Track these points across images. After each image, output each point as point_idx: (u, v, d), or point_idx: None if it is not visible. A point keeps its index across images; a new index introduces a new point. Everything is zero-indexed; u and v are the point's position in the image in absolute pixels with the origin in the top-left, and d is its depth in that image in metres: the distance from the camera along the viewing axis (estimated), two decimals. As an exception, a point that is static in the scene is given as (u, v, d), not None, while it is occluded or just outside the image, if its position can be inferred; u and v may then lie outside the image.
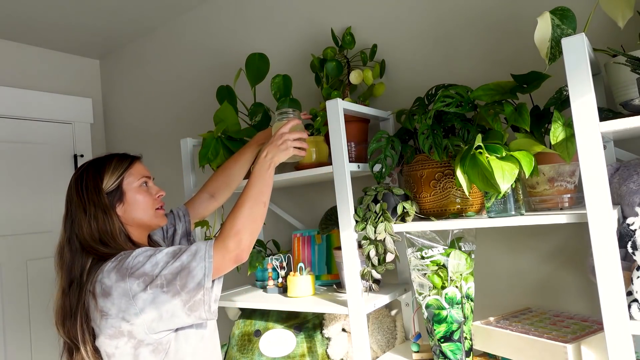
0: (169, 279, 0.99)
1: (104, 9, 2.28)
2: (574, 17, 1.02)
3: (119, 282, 1.01)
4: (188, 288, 0.99)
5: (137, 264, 1.02)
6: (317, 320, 1.52)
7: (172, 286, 0.99)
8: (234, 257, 1.04)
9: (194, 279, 0.99)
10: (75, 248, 1.10)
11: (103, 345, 1.05)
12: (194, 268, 1.00)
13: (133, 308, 1.00)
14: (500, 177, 1.01)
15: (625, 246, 0.98)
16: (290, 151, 1.22)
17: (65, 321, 1.08)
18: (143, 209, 1.18)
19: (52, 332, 2.55)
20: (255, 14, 2.08)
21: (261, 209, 1.11)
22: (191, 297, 0.99)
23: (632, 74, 1.05)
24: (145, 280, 1.00)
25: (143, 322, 1.01)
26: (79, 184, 1.15)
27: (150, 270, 1.01)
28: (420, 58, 1.60)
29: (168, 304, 1.00)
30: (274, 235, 1.95)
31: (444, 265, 1.21)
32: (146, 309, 1.00)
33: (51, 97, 2.64)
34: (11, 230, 2.43)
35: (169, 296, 0.99)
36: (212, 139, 1.57)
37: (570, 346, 0.98)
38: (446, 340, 1.19)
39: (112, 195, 1.15)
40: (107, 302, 1.01)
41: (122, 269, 1.02)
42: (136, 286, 1.00)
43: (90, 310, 1.05)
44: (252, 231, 1.07)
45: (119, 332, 1.02)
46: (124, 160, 1.20)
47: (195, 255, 1.01)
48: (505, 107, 1.12)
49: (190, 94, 2.40)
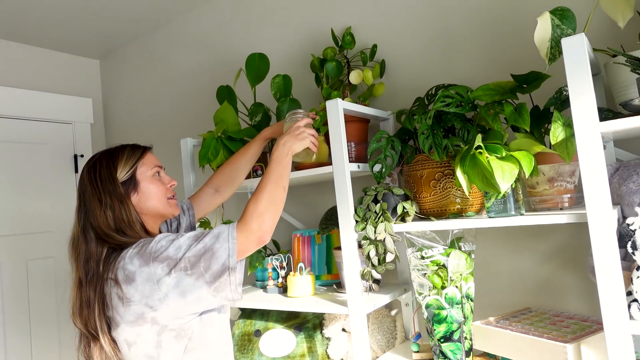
0: (192, 261, 0.99)
1: (104, 9, 2.28)
2: (574, 17, 1.02)
3: (142, 267, 1.01)
4: (212, 270, 0.99)
5: (160, 248, 1.02)
6: (317, 320, 1.52)
7: (196, 268, 0.99)
8: (257, 238, 1.04)
9: (218, 261, 0.99)
10: (90, 238, 1.10)
11: (123, 334, 1.05)
12: (218, 249, 1.00)
13: (157, 293, 1.00)
14: (500, 177, 1.01)
15: (625, 246, 0.98)
16: (307, 141, 1.25)
17: (82, 312, 1.07)
18: (157, 198, 1.18)
19: (52, 332, 2.55)
20: (255, 14, 2.08)
21: (281, 192, 1.13)
22: (215, 278, 0.99)
23: (632, 74, 1.05)
24: (169, 264, 1.00)
25: (167, 307, 1.01)
26: (92, 174, 1.15)
27: (173, 253, 1.01)
28: (421, 58, 1.60)
29: (192, 287, 1.00)
30: (274, 235, 1.95)
31: (444, 265, 1.21)
32: (170, 294, 1.00)
33: (51, 97, 2.64)
34: (11, 230, 2.43)
35: (193, 279, 0.99)
36: (212, 139, 1.57)
37: (570, 346, 0.98)
38: (446, 340, 1.19)
39: (127, 184, 1.15)
40: (130, 288, 1.01)
41: (146, 254, 1.02)
42: (160, 270, 1.00)
43: (111, 298, 1.04)
44: (274, 214, 1.08)
45: (141, 319, 1.02)
46: (137, 150, 1.21)
47: (219, 237, 1.02)
48: (505, 107, 1.12)
49: (190, 94, 2.40)
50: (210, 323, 1.11)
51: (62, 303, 2.57)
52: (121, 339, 1.06)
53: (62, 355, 2.52)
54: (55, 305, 2.55)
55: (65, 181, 2.67)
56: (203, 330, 1.09)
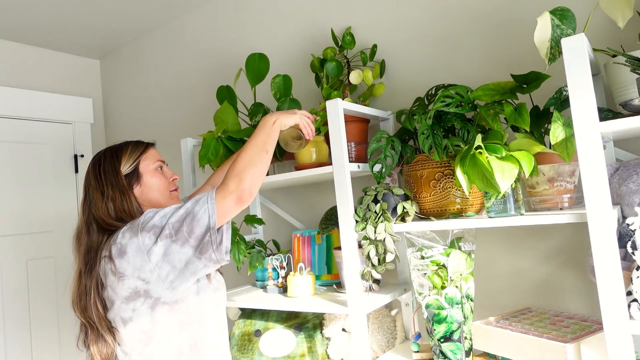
0: (176, 227, 1.02)
1: (104, 9, 2.28)
2: (574, 17, 1.02)
3: (132, 239, 1.04)
4: (195, 233, 1.01)
5: (147, 219, 1.06)
6: (317, 320, 1.52)
7: (180, 234, 1.02)
8: (236, 197, 1.05)
9: (200, 222, 1.02)
10: (93, 229, 1.14)
11: (119, 312, 1.07)
12: (198, 212, 1.03)
13: (147, 264, 1.03)
14: (500, 177, 1.01)
15: (625, 246, 0.98)
16: (297, 117, 1.25)
17: (80, 301, 1.11)
18: (159, 191, 1.22)
19: (52, 332, 2.55)
20: (256, 14, 2.08)
21: (262, 155, 1.12)
22: (199, 240, 1.02)
23: (632, 74, 1.05)
24: (155, 232, 1.03)
25: (159, 277, 1.03)
26: (96, 168, 1.20)
27: (159, 222, 1.04)
28: (420, 58, 1.60)
29: (179, 254, 1.02)
30: (274, 235, 1.95)
31: (444, 265, 1.21)
32: (160, 264, 1.03)
33: (51, 97, 2.64)
34: (11, 230, 2.43)
35: (179, 245, 1.02)
36: (212, 139, 1.57)
37: (570, 346, 0.98)
38: (446, 340, 1.19)
39: (129, 177, 1.19)
40: (122, 262, 1.04)
41: (135, 226, 1.06)
42: (148, 240, 1.03)
43: (106, 276, 1.07)
44: (253, 175, 1.07)
45: (135, 293, 1.04)
46: (140, 145, 1.26)
47: (199, 200, 1.05)
48: (505, 107, 1.12)
49: (190, 94, 2.40)
50: (205, 299, 1.13)
51: (62, 303, 2.57)
52: (117, 318, 1.08)
53: (62, 355, 2.52)
54: (55, 305, 2.55)
55: (65, 181, 2.67)
56: (199, 306, 1.11)
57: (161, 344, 1.08)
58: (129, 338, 1.08)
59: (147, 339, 1.07)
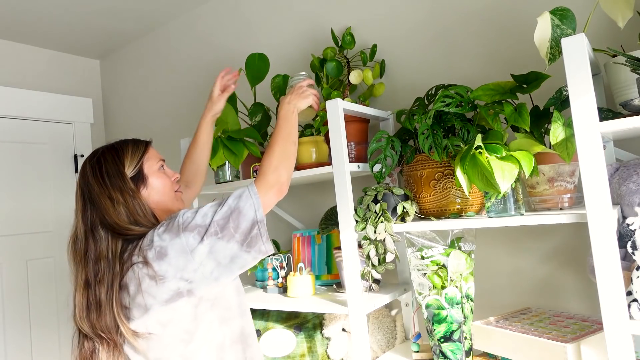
0: (221, 224, 1.01)
1: (104, 9, 2.28)
2: (574, 17, 1.02)
3: (174, 240, 1.01)
4: (242, 228, 1.02)
5: (187, 219, 1.03)
6: (317, 320, 1.52)
7: (226, 230, 1.01)
8: (277, 190, 1.09)
9: (246, 217, 1.02)
10: (100, 237, 1.07)
11: (156, 316, 1.02)
12: (243, 207, 1.03)
13: (191, 264, 1.00)
14: (500, 177, 1.01)
15: (625, 246, 0.98)
16: (310, 99, 1.30)
17: (90, 314, 1.04)
18: (165, 192, 1.18)
19: (52, 332, 2.54)
20: (255, 14, 2.08)
21: (292, 147, 1.18)
22: (246, 235, 1.02)
23: (632, 74, 1.05)
24: (200, 232, 1.01)
25: (203, 276, 1.01)
26: (97, 171, 1.12)
27: (201, 221, 1.02)
28: (421, 58, 1.60)
29: (225, 250, 1.01)
30: (274, 235, 1.95)
31: (444, 265, 1.21)
32: (204, 262, 1.00)
33: (51, 97, 2.64)
34: (11, 230, 2.43)
35: (225, 241, 1.01)
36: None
37: (570, 346, 0.98)
38: (446, 340, 1.19)
39: (135, 179, 1.14)
40: (163, 264, 1.00)
41: (174, 227, 1.03)
42: (192, 239, 1.00)
43: (140, 282, 1.01)
44: (287, 167, 1.14)
45: (177, 294, 1.01)
46: (140, 145, 1.21)
47: (241, 196, 1.05)
48: (505, 107, 1.12)
49: (190, 94, 2.40)
50: (241, 291, 1.14)
51: (62, 303, 2.57)
52: (152, 322, 1.03)
53: (62, 355, 2.52)
54: (55, 305, 2.55)
55: (65, 181, 2.67)
56: (237, 299, 1.12)
57: (203, 341, 1.06)
58: (169, 341, 1.04)
59: (189, 338, 1.05)
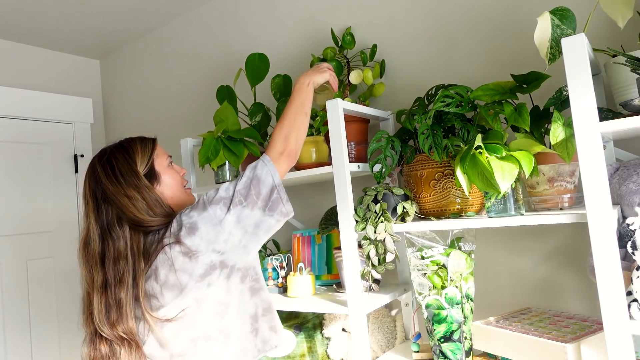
0: (244, 193, 1.07)
1: (104, 9, 2.28)
2: (574, 17, 1.02)
3: (202, 214, 1.06)
4: (263, 194, 1.08)
5: (210, 196, 1.09)
6: (317, 320, 1.52)
7: (249, 198, 1.07)
8: (286, 156, 1.16)
9: (265, 183, 1.09)
10: (117, 235, 1.07)
11: (191, 294, 1.03)
12: (261, 175, 1.10)
13: (222, 235, 1.04)
14: (500, 177, 1.01)
15: (625, 246, 0.98)
16: (326, 74, 1.35)
17: (110, 316, 1.03)
18: (177, 187, 1.20)
19: (52, 332, 2.54)
20: (255, 14, 2.08)
21: (303, 117, 1.23)
22: (267, 200, 1.09)
23: (632, 74, 1.05)
24: (225, 203, 1.07)
25: (233, 245, 1.06)
26: (109, 171, 1.11)
27: (225, 194, 1.08)
28: (420, 58, 1.60)
29: (250, 218, 1.07)
30: (274, 235, 1.94)
31: (444, 265, 1.21)
32: (233, 232, 1.05)
33: (51, 97, 2.63)
34: (11, 230, 2.43)
35: (249, 209, 1.07)
36: (212, 139, 1.57)
37: (570, 346, 0.98)
38: (446, 340, 1.19)
39: (148, 177, 1.14)
40: (195, 239, 1.03)
41: (200, 204, 1.08)
42: (219, 211, 1.06)
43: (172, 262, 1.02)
44: (297, 136, 1.19)
45: (210, 267, 1.04)
46: (147, 142, 1.21)
47: (256, 166, 1.11)
48: (505, 107, 1.12)
49: (190, 94, 2.40)
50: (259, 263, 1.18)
51: (62, 303, 2.57)
52: (187, 300, 1.03)
53: (62, 355, 2.52)
54: (55, 305, 2.55)
55: (65, 181, 2.67)
56: (261, 271, 1.16)
57: (237, 312, 1.09)
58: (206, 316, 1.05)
59: (224, 310, 1.07)
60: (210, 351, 1.06)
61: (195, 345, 1.05)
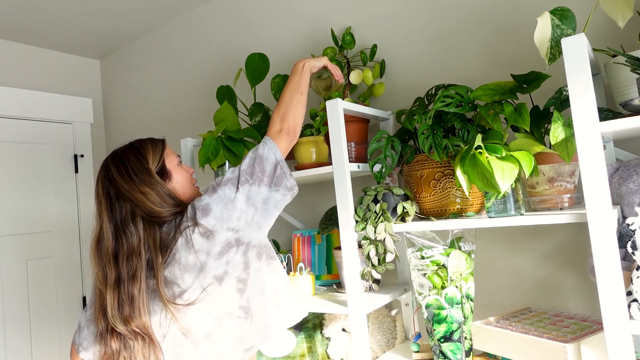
0: (249, 172, 1.13)
1: (104, 9, 2.28)
2: (574, 17, 1.02)
3: (213, 195, 1.11)
4: (267, 171, 1.13)
5: (218, 180, 1.14)
6: (317, 320, 1.52)
7: (255, 176, 1.12)
8: (285, 132, 1.20)
9: (268, 160, 1.14)
10: (131, 232, 1.08)
11: (211, 272, 1.06)
12: (263, 153, 1.15)
13: (234, 212, 1.09)
14: (500, 177, 1.01)
15: (625, 246, 0.98)
16: (324, 59, 1.38)
17: (123, 311, 1.05)
18: (187, 186, 1.22)
19: (52, 332, 2.54)
20: (255, 14, 2.08)
21: (299, 96, 1.27)
22: (272, 176, 1.14)
23: (632, 74, 1.05)
24: (233, 183, 1.12)
25: (246, 222, 1.10)
26: (122, 170, 1.14)
27: (231, 175, 1.13)
28: (421, 58, 1.60)
29: (258, 195, 1.11)
30: (274, 235, 1.95)
31: (444, 265, 1.21)
32: (244, 209, 1.10)
33: (51, 97, 2.64)
34: (11, 230, 2.43)
35: (256, 186, 1.11)
36: (212, 139, 1.57)
37: (570, 346, 0.98)
38: (446, 340, 1.19)
39: (159, 175, 1.17)
40: (210, 219, 1.08)
41: (210, 189, 1.13)
42: (228, 190, 1.11)
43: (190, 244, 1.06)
44: (295, 114, 1.24)
45: (227, 245, 1.08)
46: (157, 142, 1.24)
47: (257, 148, 1.17)
48: (505, 107, 1.12)
49: (190, 94, 2.40)
50: None
51: (62, 303, 2.57)
52: (208, 279, 1.06)
53: (62, 355, 2.52)
54: (55, 305, 2.55)
55: (65, 181, 2.67)
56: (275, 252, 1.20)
57: (256, 288, 1.12)
58: (227, 293, 1.08)
59: (243, 287, 1.10)
60: (237, 328, 1.09)
61: (221, 324, 1.08)
